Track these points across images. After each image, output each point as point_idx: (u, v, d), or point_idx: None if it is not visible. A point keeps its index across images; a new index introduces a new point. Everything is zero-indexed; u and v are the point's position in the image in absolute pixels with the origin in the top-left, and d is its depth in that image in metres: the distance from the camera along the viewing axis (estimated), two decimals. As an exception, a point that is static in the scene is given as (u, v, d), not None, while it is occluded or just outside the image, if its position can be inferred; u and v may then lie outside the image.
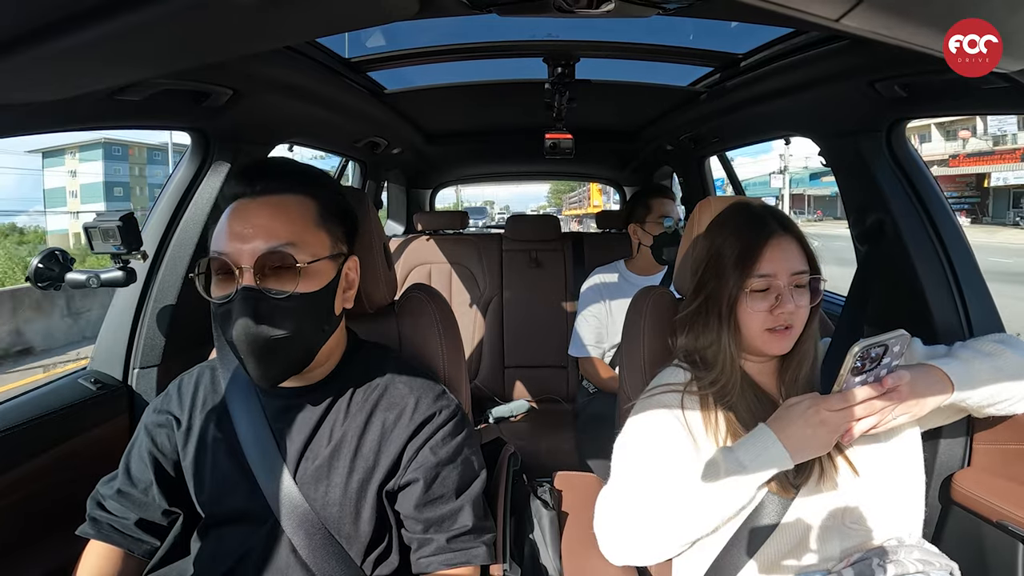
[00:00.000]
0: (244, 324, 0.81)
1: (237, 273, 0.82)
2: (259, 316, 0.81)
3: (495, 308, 2.75)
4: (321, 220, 0.88)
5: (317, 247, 0.86)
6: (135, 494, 0.95)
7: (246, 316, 0.81)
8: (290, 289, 0.82)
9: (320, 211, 0.88)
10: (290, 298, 0.82)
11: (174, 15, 0.56)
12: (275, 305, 0.82)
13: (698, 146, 2.53)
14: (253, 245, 0.82)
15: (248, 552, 0.89)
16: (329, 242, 0.89)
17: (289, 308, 0.82)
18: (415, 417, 0.92)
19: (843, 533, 0.93)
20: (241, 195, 0.86)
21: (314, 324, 0.87)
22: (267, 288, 0.82)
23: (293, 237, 0.83)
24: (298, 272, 0.83)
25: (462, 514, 0.91)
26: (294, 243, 0.83)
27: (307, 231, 0.85)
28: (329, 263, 0.88)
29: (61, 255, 1.19)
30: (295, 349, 0.85)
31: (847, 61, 1.21)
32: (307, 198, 0.88)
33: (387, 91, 1.87)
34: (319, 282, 0.86)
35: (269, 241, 0.82)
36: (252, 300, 0.81)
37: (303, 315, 0.84)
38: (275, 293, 0.82)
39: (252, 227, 0.82)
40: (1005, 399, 0.95)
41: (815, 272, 0.97)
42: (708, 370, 1.00)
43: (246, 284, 0.81)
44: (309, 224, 0.86)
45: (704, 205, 1.15)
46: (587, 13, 0.98)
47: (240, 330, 0.81)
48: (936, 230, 1.33)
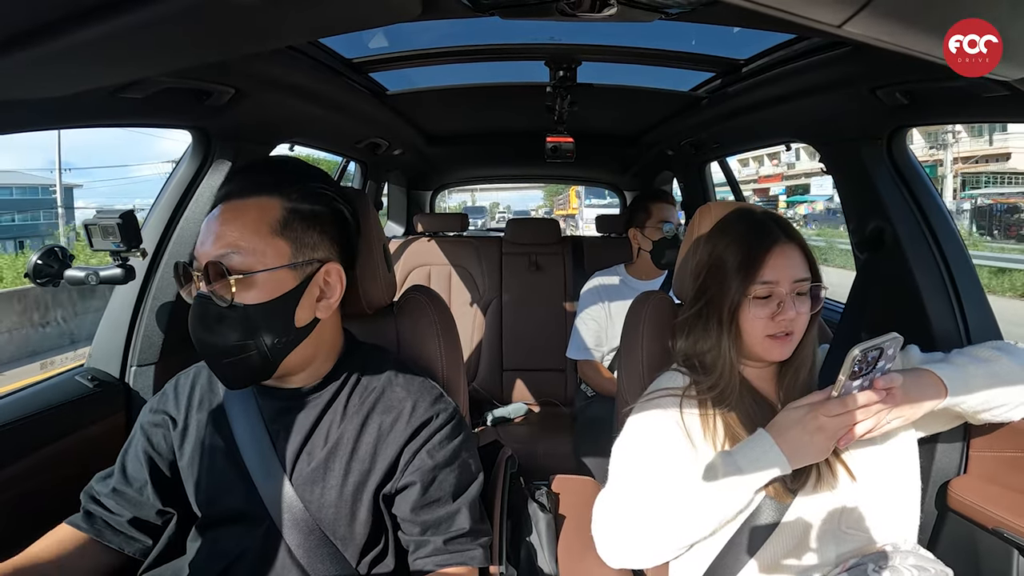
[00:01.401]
0: (194, 329, 0.83)
1: (196, 278, 0.83)
2: (204, 323, 0.82)
3: (494, 310, 2.75)
4: (281, 226, 0.84)
5: (269, 255, 0.82)
6: (130, 493, 0.94)
7: (195, 321, 0.82)
8: (231, 298, 0.81)
9: (284, 216, 0.84)
10: (232, 307, 0.81)
11: (177, 14, 0.56)
12: (219, 313, 0.81)
13: (699, 151, 2.53)
14: (206, 251, 0.82)
15: (244, 553, 0.89)
16: (290, 250, 0.84)
17: (233, 318, 0.81)
18: (412, 420, 0.92)
19: (839, 538, 0.93)
20: (217, 201, 0.87)
21: (265, 335, 0.83)
22: (215, 294, 0.81)
23: (242, 244, 0.81)
24: (230, 282, 0.80)
25: (459, 517, 0.91)
26: (238, 249, 0.81)
27: (260, 238, 0.82)
28: (287, 272, 0.84)
29: (60, 252, 1.19)
30: (247, 358, 0.83)
31: (849, 68, 1.22)
32: (273, 200, 0.84)
33: (389, 92, 1.88)
34: (269, 293, 0.82)
35: (217, 248, 0.81)
36: (201, 306, 0.82)
37: (248, 326, 0.82)
38: (220, 301, 0.81)
39: (211, 233, 0.83)
40: (1000, 405, 0.95)
41: (816, 279, 0.98)
42: (707, 375, 1.00)
43: (200, 290, 0.82)
44: (264, 230, 0.83)
45: (704, 211, 1.15)
46: (589, 17, 0.99)
47: (192, 335, 0.83)
48: (935, 238, 1.33)
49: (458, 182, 4.00)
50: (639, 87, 1.94)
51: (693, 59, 1.62)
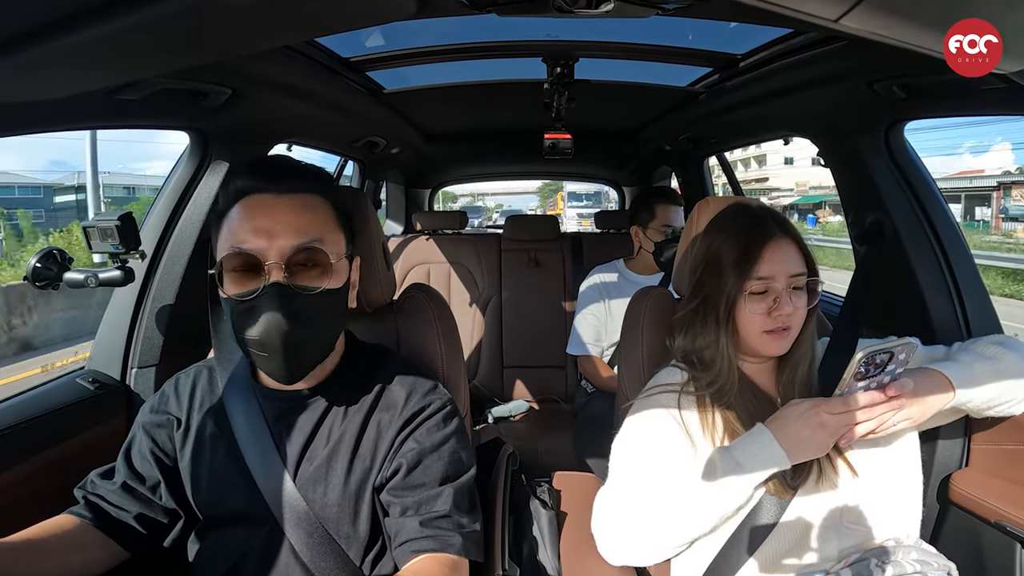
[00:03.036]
0: (275, 320, 0.80)
1: (266, 268, 0.81)
2: (290, 313, 0.81)
3: (494, 308, 2.75)
4: (338, 221, 0.90)
5: (338, 246, 0.89)
6: (141, 490, 0.94)
7: (277, 312, 0.80)
8: (321, 285, 0.84)
9: (338, 212, 0.91)
10: (321, 294, 0.84)
11: (173, 15, 0.56)
12: (307, 302, 0.83)
13: (697, 146, 2.53)
14: (280, 242, 0.82)
15: (248, 553, 0.89)
16: (344, 242, 0.91)
17: (319, 304, 0.84)
18: (404, 412, 0.93)
19: (841, 533, 0.93)
20: (257, 191, 0.85)
21: (336, 320, 0.90)
22: (297, 284, 0.82)
23: (321, 234, 0.85)
24: (329, 268, 0.85)
25: (439, 499, 0.88)
26: (322, 239, 0.85)
27: (329, 230, 0.88)
28: (345, 263, 0.90)
29: (59, 254, 1.18)
30: (320, 344, 0.88)
31: (846, 62, 1.21)
32: (325, 199, 0.90)
33: (386, 91, 1.87)
34: (341, 279, 0.88)
35: (298, 238, 0.82)
36: (283, 296, 0.81)
37: (330, 311, 0.87)
38: (307, 289, 0.83)
39: (280, 223, 0.82)
40: (1006, 401, 0.95)
41: (813, 274, 0.97)
42: (706, 370, 1.00)
43: (275, 280, 0.81)
44: (331, 224, 0.89)
45: (703, 205, 1.15)
46: (586, 13, 0.98)
47: (270, 326, 0.81)
48: (934, 231, 1.33)
49: (456, 180, 3.99)
50: (636, 83, 1.93)
51: (690, 54, 1.62)
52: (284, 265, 0.81)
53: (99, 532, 0.91)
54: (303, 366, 0.87)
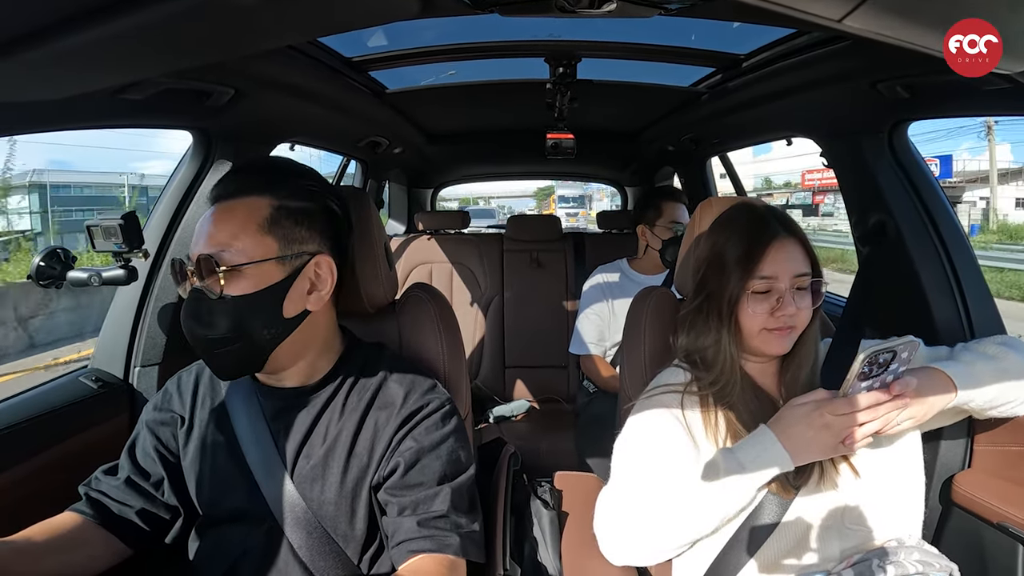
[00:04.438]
0: (186, 323, 0.86)
1: (190, 274, 0.86)
2: (198, 316, 0.85)
3: (496, 308, 2.75)
4: (269, 224, 0.87)
5: (255, 250, 0.86)
6: (145, 486, 0.94)
7: (187, 315, 0.86)
8: (217, 291, 0.84)
9: (271, 214, 0.87)
10: (222, 299, 0.84)
11: (177, 15, 0.56)
12: (210, 306, 0.84)
13: (699, 147, 2.52)
14: (198, 249, 0.86)
15: (247, 552, 0.89)
16: (277, 245, 0.87)
17: (222, 309, 0.84)
18: (402, 411, 0.92)
19: (843, 534, 0.93)
20: (209, 203, 0.90)
21: (251, 326, 0.86)
22: (204, 288, 0.85)
23: (229, 240, 0.85)
24: (218, 275, 0.84)
25: (437, 499, 0.88)
26: (228, 247, 0.85)
27: (247, 235, 0.86)
28: (274, 265, 0.87)
29: (63, 253, 1.19)
30: (233, 349, 0.86)
31: (849, 62, 1.21)
32: (261, 199, 0.88)
33: (388, 91, 1.87)
34: (255, 285, 0.85)
35: (207, 247, 0.85)
36: (194, 300, 0.86)
37: (236, 317, 0.85)
38: (210, 293, 0.84)
39: (202, 233, 0.87)
40: (1008, 402, 0.95)
41: (817, 274, 0.97)
42: (708, 370, 1.00)
43: (193, 284, 0.86)
44: (251, 228, 0.86)
45: (705, 206, 1.15)
46: (589, 13, 0.98)
47: (184, 328, 0.87)
48: (938, 231, 1.33)
49: (458, 180, 3.99)
50: (639, 83, 1.93)
51: (693, 54, 1.62)
52: (194, 271, 0.85)
53: (101, 529, 0.91)
54: (227, 366, 0.89)
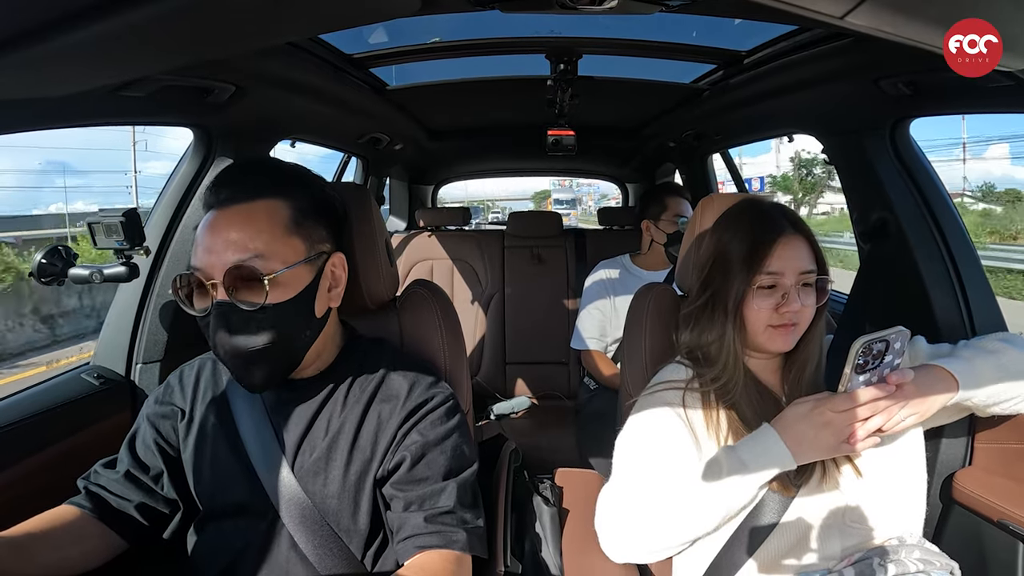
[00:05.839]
0: (221, 337, 0.82)
1: (210, 287, 0.82)
2: (233, 329, 0.82)
3: (497, 304, 2.75)
4: (294, 224, 0.86)
5: (288, 254, 0.85)
6: (144, 480, 0.94)
7: (222, 329, 0.82)
8: (260, 301, 0.82)
9: (293, 215, 0.86)
10: (262, 309, 0.82)
11: (177, 11, 0.56)
12: (248, 317, 0.82)
13: (701, 143, 2.52)
14: (223, 258, 0.81)
15: (248, 546, 0.89)
16: (304, 246, 0.87)
17: (263, 319, 0.83)
18: (407, 404, 0.92)
19: (844, 532, 0.93)
20: (212, 206, 0.85)
21: (293, 331, 0.86)
22: (239, 300, 0.81)
23: (261, 248, 0.82)
24: (264, 285, 0.82)
25: (444, 495, 0.88)
26: (262, 254, 0.82)
27: (276, 239, 0.84)
28: (305, 268, 0.87)
29: (64, 251, 1.19)
30: (276, 357, 0.85)
31: (851, 59, 1.21)
32: (278, 201, 0.86)
33: (389, 87, 1.87)
34: (293, 289, 0.85)
35: (237, 254, 0.81)
36: (225, 314, 0.82)
37: (279, 324, 0.84)
38: (247, 305, 0.81)
39: (221, 240, 0.82)
40: (1010, 398, 0.95)
41: (823, 272, 0.97)
42: (711, 366, 0.99)
43: (219, 299, 0.81)
44: (278, 231, 0.85)
45: (707, 202, 1.15)
46: (590, 10, 0.98)
47: (219, 343, 0.83)
48: (939, 228, 1.32)
49: (459, 176, 3.99)
50: (640, 79, 1.93)
51: (694, 51, 1.61)
52: (224, 283, 0.81)
53: (99, 523, 0.91)
54: (264, 376, 0.86)
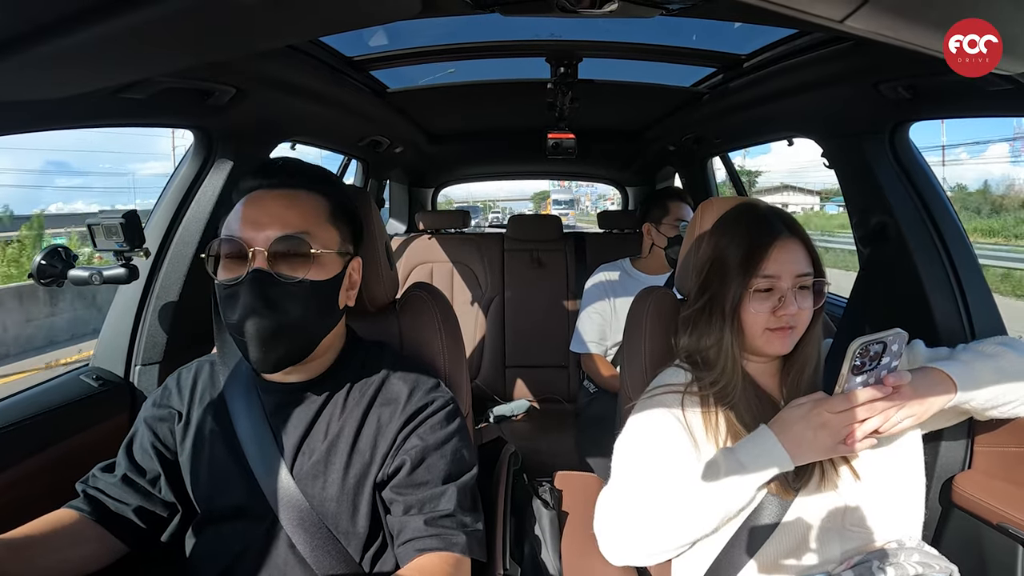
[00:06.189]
0: (251, 306, 0.82)
1: (250, 255, 0.83)
2: (267, 300, 0.83)
3: (496, 307, 2.75)
4: (332, 217, 0.91)
5: (327, 240, 0.89)
6: (141, 483, 0.94)
7: (255, 297, 0.82)
8: (301, 275, 0.84)
9: (331, 209, 0.91)
10: (300, 283, 0.84)
11: (178, 14, 0.56)
12: (285, 290, 0.83)
13: (701, 147, 2.53)
14: (267, 232, 0.84)
15: (246, 549, 0.89)
16: (338, 238, 0.92)
17: (298, 294, 0.84)
18: (407, 408, 0.93)
19: (843, 535, 0.92)
20: (255, 188, 0.89)
21: (318, 313, 0.89)
22: (279, 272, 0.83)
23: (306, 227, 0.86)
24: (310, 259, 0.85)
25: (444, 498, 0.88)
26: (308, 232, 0.86)
27: (319, 225, 0.89)
28: (337, 258, 0.91)
29: (64, 252, 1.19)
30: (298, 336, 0.86)
31: (851, 62, 1.21)
32: (319, 195, 0.91)
33: (389, 90, 1.88)
34: (328, 272, 0.88)
35: (283, 229, 0.84)
36: (262, 283, 0.82)
37: (310, 302, 0.86)
38: (286, 278, 0.84)
39: (268, 215, 0.85)
40: (1009, 401, 0.95)
41: (819, 275, 0.97)
42: (709, 369, 0.99)
43: (258, 267, 0.82)
44: (321, 218, 0.89)
45: (706, 206, 1.15)
46: (590, 13, 0.98)
47: (248, 311, 0.82)
48: (939, 232, 1.33)
49: (459, 180, 4.00)
50: (640, 83, 1.93)
51: (694, 55, 1.62)
52: (267, 253, 0.83)
53: (98, 526, 0.91)
54: (281, 356, 0.86)
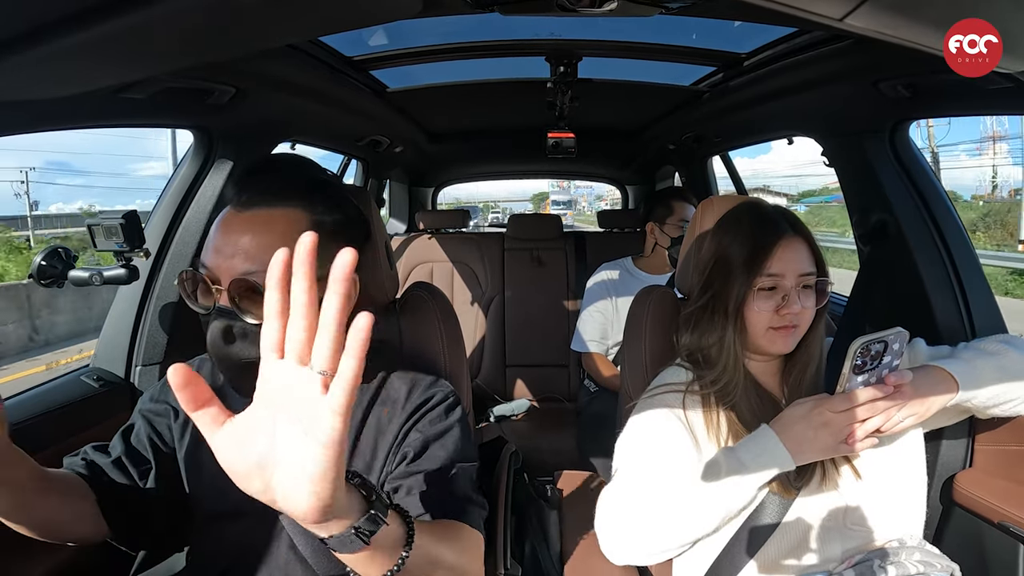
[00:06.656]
0: (215, 344, 0.79)
1: (215, 291, 0.80)
2: (229, 337, 0.79)
3: (497, 307, 2.75)
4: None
5: None
6: (133, 471, 0.92)
7: (218, 336, 0.79)
8: (259, 319, 0.80)
9: (313, 222, 0.83)
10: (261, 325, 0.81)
11: (178, 13, 0.56)
12: (246, 330, 0.79)
13: (701, 146, 2.53)
14: (231, 264, 0.79)
15: (246, 548, 0.88)
16: (317, 263, 0.85)
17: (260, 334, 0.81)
18: (407, 406, 0.91)
19: (844, 534, 0.93)
20: (231, 204, 0.83)
21: None
22: (242, 310, 0.78)
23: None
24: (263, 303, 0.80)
25: (449, 477, 0.85)
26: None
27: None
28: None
29: (64, 252, 1.19)
30: None
31: (850, 61, 1.21)
32: (298, 211, 0.83)
33: (389, 90, 1.87)
34: None
35: (246, 263, 0.78)
36: (224, 321, 0.79)
37: None
38: (250, 317, 0.78)
39: (232, 245, 0.79)
40: (1010, 399, 0.95)
41: (823, 274, 0.97)
42: (711, 368, 0.99)
43: (221, 304, 0.79)
44: (296, 238, 0.83)
45: (707, 205, 1.15)
46: (590, 12, 0.98)
47: (212, 348, 0.80)
48: (939, 231, 1.33)
49: (459, 179, 4.00)
50: (640, 82, 1.93)
51: (694, 53, 1.61)
52: (228, 291, 0.78)
53: (90, 493, 0.87)
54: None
